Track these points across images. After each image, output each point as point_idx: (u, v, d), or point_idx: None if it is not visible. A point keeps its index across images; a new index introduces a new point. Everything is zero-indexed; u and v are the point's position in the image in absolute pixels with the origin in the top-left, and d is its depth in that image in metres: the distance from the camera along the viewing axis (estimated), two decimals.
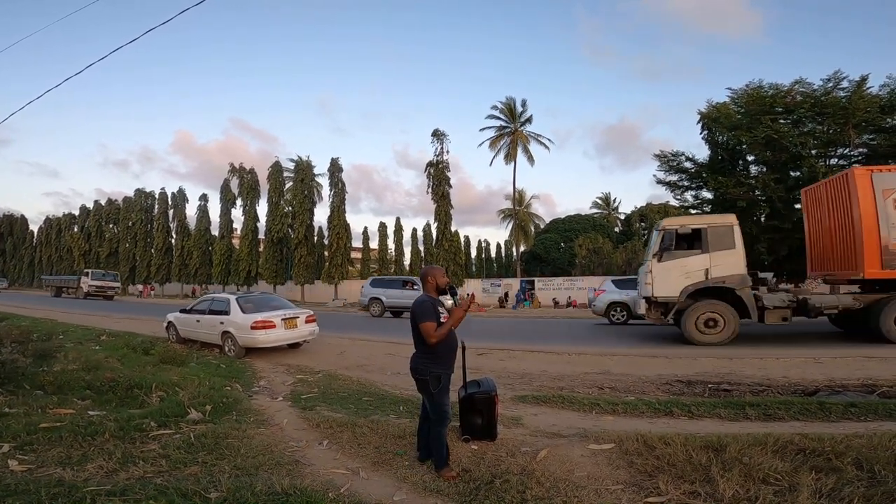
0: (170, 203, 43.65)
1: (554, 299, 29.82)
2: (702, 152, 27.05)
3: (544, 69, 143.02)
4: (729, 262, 9.90)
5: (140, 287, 43.95)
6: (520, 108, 37.25)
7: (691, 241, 10.20)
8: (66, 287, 35.66)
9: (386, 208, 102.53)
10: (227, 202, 39.20)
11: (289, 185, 36.68)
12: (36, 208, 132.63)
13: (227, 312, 9.66)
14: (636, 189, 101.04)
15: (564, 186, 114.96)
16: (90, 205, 49.94)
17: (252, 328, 9.10)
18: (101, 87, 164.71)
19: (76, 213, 52.51)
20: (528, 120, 37.41)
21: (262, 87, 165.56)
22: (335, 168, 34.65)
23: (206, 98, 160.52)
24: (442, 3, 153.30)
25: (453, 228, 33.68)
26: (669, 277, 10.14)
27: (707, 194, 24.46)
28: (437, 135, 32.73)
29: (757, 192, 21.30)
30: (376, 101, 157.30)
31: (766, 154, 20.75)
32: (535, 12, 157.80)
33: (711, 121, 22.86)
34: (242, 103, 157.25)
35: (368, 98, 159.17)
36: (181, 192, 43.65)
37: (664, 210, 42.99)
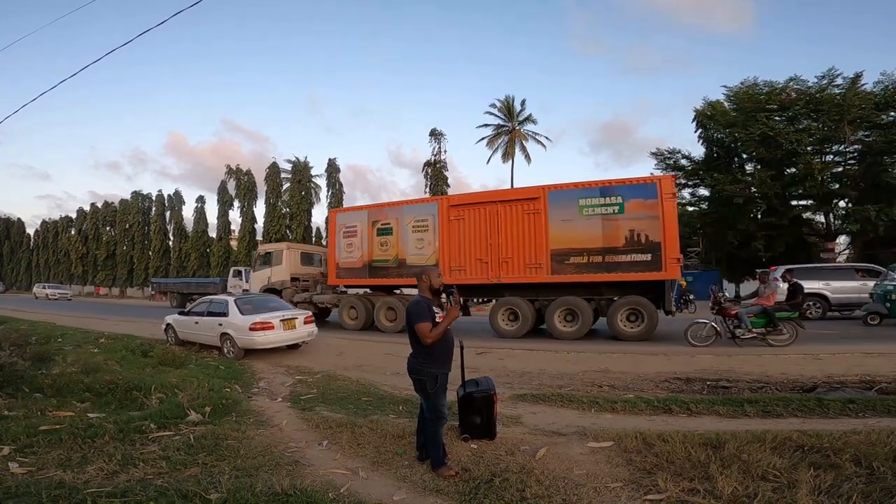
0: (166, 205, 43.52)
1: None
2: (697, 148, 27.09)
3: (535, 64, 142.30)
4: (280, 273, 15.57)
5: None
6: (518, 107, 37.22)
7: (268, 258, 16.13)
8: (202, 294, 23.50)
9: None
10: (225, 204, 39.09)
11: (286, 186, 36.61)
12: (29, 211, 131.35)
13: (225, 314, 9.64)
14: None
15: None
16: (84, 207, 49.81)
17: (251, 329, 9.09)
18: (90, 88, 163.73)
19: (71, 215, 52.34)
20: (527, 119, 37.37)
21: (252, 86, 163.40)
22: (332, 168, 34.66)
23: (196, 99, 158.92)
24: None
25: None
26: (256, 281, 16.24)
27: (704, 191, 24.57)
28: (435, 134, 32.78)
29: (753, 189, 21.38)
30: (366, 98, 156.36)
31: (761, 151, 20.82)
32: (525, 8, 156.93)
33: (707, 118, 22.95)
34: (233, 104, 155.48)
35: (358, 95, 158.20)
36: (178, 194, 43.55)
37: None
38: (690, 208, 27.18)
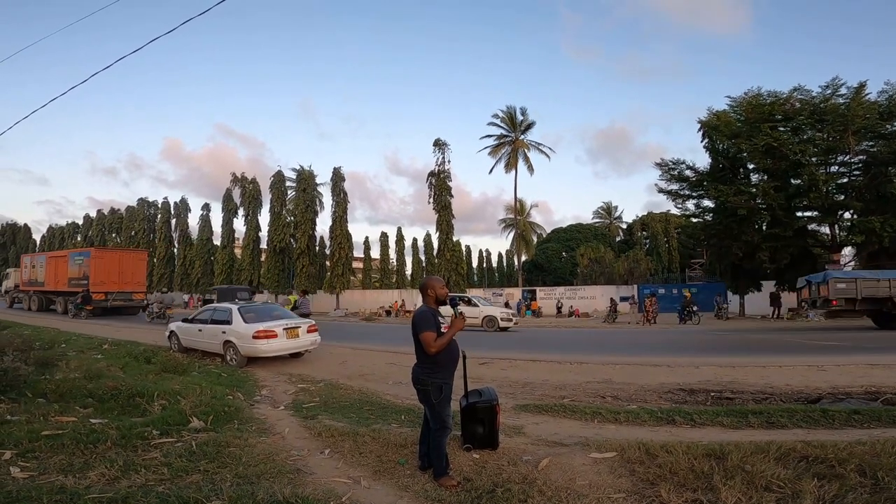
0: (172, 212, 43.85)
1: (558, 306, 30.95)
2: (698, 156, 27.06)
3: (530, 71, 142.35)
4: (10, 283, 30.77)
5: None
6: (520, 117, 37.42)
7: (7, 275, 32.78)
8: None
9: (381, 217, 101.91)
10: (229, 212, 39.29)
11: (290, 194, 36.76)
12: (30, 216, 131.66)
13: (228, 322, 9.67)
14: (633, 195, 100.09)
15: (560, 193, 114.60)
16: (82, 213, 50.65)
17: (254, 337, 9.11)
18: (87, 93, 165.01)
19: (72, 221, 53.09)
20: (529, 127, 37.53)
21: (247, 92, 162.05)
22: (337, 178, 34.79)
23: (191, 105, 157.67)
24: (420, 6, 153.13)
25: (454, 238, 33.76)
26: (2, 287, 32.46)
27: (708, 203, 24.47)
28: (439, 144, 32.93)
29: (758, 201, 21.30)
30: (362, 105, 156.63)
31: (766, 162, 20.75)
32: (516, 14, 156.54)
33: (712, 129, 22.90)
34: (228, 109, 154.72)
35: (354, 103, 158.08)
36: (183, 201, 43.87)
37: (665, 219, 43.10)
38: (695, 220, 27.08)
